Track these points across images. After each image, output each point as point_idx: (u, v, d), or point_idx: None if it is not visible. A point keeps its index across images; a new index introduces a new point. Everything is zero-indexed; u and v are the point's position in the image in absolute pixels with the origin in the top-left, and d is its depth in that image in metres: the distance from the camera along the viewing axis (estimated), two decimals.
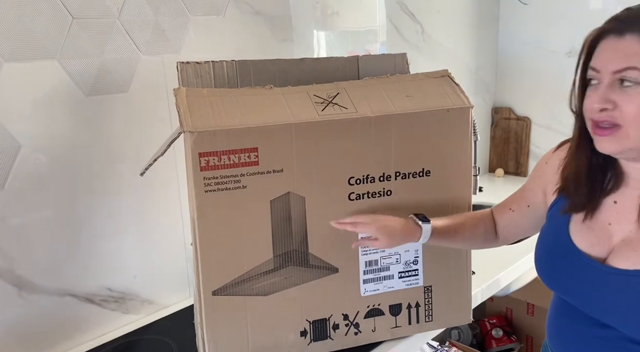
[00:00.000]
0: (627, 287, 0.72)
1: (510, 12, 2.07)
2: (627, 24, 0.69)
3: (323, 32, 1.49)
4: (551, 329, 0.87)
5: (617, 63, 0.69)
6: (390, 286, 0.98)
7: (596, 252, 0.77)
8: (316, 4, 1.43)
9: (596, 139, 0.73)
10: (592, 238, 0.78)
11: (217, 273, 0.86)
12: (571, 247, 0.79)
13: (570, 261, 0.79)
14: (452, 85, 0.97)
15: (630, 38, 0.68)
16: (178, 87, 0.86)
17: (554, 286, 0.84)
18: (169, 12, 1.09)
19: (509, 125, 2.17)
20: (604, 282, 0.75)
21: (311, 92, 0.92)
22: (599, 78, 0.71)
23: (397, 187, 0.94)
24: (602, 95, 0.70)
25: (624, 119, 0.69)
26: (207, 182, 0.82)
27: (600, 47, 0.72)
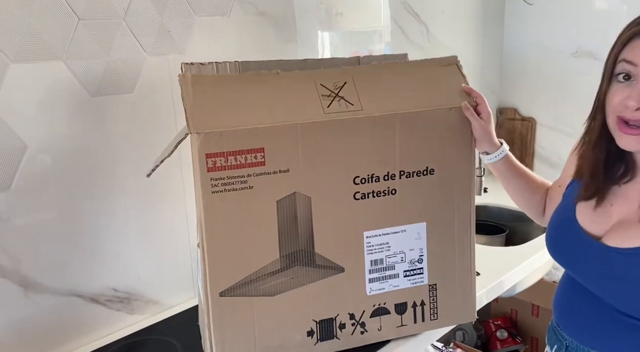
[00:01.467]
0: (617, 265, 0.77)
1: (515, 12, 2.06)
2: None
3: (327, 32, 1.49)
4: (557, 303, 0.93)
5: None
6: (395, 284, 0.97)
7: (594, 229, 0.82)
8: (320, 4, 1.43)
9: (622, 136, 0.74)
10: (593, 216, 0.83)
11: (224, 274, 0.86)
12: (574, 224, 0.85)
13: (571, 236, 0.85)
14: (458, 75, 0.98)
15: None
16: (183, 74, 0.86)
17: (557, 257, 0.90)
18: (174, 13, 1.09)
19: (514, 126, 2.16)
20: (595, 258, 0.80)
21: (318, 80, 0.90)
22: (635, 74, 0.71)
23: (401, 186, 0.94)
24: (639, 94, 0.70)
25: None
26: (214, 183, 0.82)
27: (636, 43, 0.71)
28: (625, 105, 0.71)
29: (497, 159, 0.99)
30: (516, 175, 1.02)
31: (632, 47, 0.72)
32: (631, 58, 0.71)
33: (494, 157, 0.99)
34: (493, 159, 0.99)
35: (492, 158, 0.99)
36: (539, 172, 2.15)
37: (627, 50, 0.72)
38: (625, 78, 0.72)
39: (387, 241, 0.96)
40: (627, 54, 0.72)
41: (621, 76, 0.73)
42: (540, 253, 1.44)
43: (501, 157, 0.99)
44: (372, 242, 0.95)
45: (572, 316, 0.89)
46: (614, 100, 0.74)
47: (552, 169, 2.11)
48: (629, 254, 0.76)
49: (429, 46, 1.80)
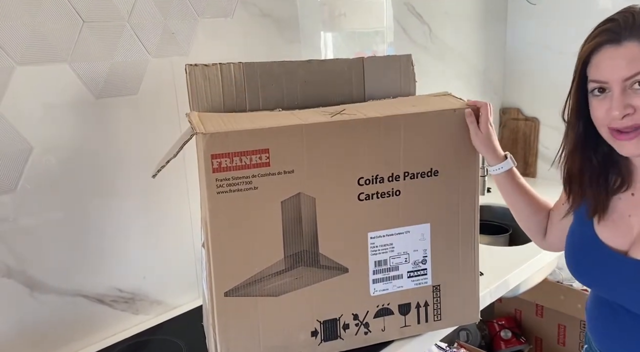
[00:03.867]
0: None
1: (518, 12, 2.06)
2: (621, 32, 0.70)
3: (330, 33, 1.49)
4: (594, 328, 0.89)
5: (626, 70, 0.70)
6: (399, 285, 0.98)
7: (618, 244, 0.79)
8: (323, 5, 1.43)
9: (619, 144, 0.74)
10: (614, 230, 0.81)
11: (229, 274, 0.87)
12: (596, 241, 0.82)
13: (596, 254, 0.82)
14: (455, 98, 1.00)
15: (629, 44, 0.70)
16: (190, 112, 0.89)
17: (583, 279, 0.86)
18: (177, 15, 1.10)
19: (517, 126, 2.16)
20: (626, 273, 0.77)
21: (319, 110, 0.94)
22: (609, 88, 0.72)
23: (405, 187, 0.94)
24: (620, 103, 0.70)
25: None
26: (220, 183, 0.83)
27: (597, 59, 0.73)
28: (612, 117, 0.72)
29: (498, 171, 0.97)
30: (518, 191, 0.99)
31: (594, 64, 0.73)
32: (598, 77, 0.73)
33: (496, 169, 0.97)
34: (494, 171, 0.97)
35: (493, 170, 0.97)
36: (543, 172, 2.15)
37: (592, 69, 0.74)
38: (600, 91, 0.74)
39: (391, 242, 0.96)
40: (593, 74, 0.74)
41: (596, 90, 0.74)
42: (543, 253, 1.44)
43: (502, 171, 0.96)
44: (376, 243, 0.95)
45: (614, 339, 0.84)
46: (598, 114, 0.75)
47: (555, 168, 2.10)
48: None
49: (432, 47, 1.80)
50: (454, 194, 0.98)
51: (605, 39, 0.72)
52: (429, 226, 0.98)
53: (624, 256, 0.78)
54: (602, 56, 0.72)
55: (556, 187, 1.25)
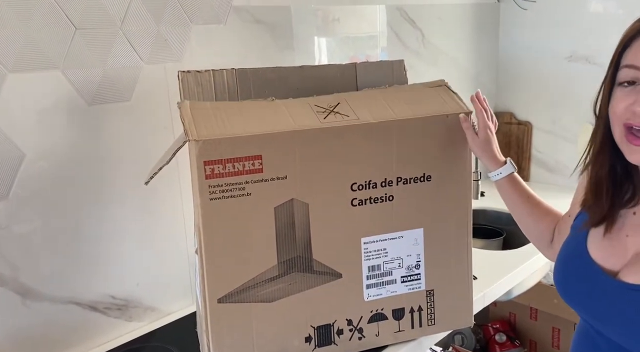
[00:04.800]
0: (631, 303, 0.69)
1: (510, 17, 2.08)
2: None
3: (324, 38, 1.50)
4: None
5: None
6: (393, 290, 0.98)
7: (611, 264, 0.73)
8: (317, 11, 1.44)
9: (631, 149, 0.67)
10: (609, 249, 0.74)
11: (222, 281, 0.87)
12: (587, 259, 0.76)
13: (584, 272, 0.76)
14: (449, 93, 0.99)
15: None
16: (182, 101, 0.87)
17: (569, 298, 0.79)
18: (170, 21, 1.10)
19: (510, 130, 2.18)
20: (612, 297, 0.71)
21: (312, 102, 0.93)
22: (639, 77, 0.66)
23: (398, 192, 0.95)
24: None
25: None
26: (212, 190, 0.83)
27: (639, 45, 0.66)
28: (633, 112, 0.66)
29: (497, 177, 0.94)
30: (519, 198, 0.94)
31: (634, 49, 0.67)
32: (634, 62, 0.66)
33: (495, 175, 0.94)
34: (494, 177, 0.95)
35: (493, 176, 0.95)
36: (537, 176, 2.16)
37: (629, 53, 0.67)
38: (630, 83, 0.67)
39: (384, 247, 0.97)
40: (629, 59, 0.67)
41: (625, 82, 0.68)
42: (537, 256, 1.45)
43: (502, 177, 0.94)
44: (369, 248, 0.96)
45: None
46: (619, 107, 0.68)
47: (549, 172, 2.12)
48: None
49: (425, 52, 1.81)
50: (447, 198, 0.98)
51: None
52: (422, 231, 0.98)
53: (613, 278, 0.72)
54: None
55: (549, 192, 1.26)
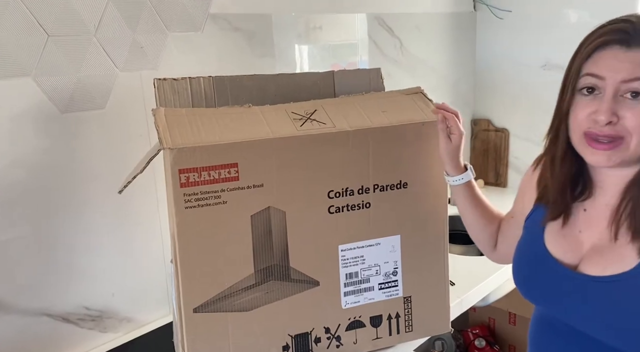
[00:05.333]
0: (595, 293, 0.72)
1: (487, 26, 2.12)
2: (634, 36, 0.68)
3: (306, 46, 1.51)
4: (534, 342, 0.86)
5: (627, 72, 0.67)
6: (370, 297, 0.98)
7: (568, 259, 0.77)
8: (299, 18, 1.45)
9: (591, 152, 0.70)
10: (564, 245, 0.78)
11: (198, 290, 0.86)
12: (546, 255, 0.79)
13: (545, 269, 0.79)
14: (425, 100, 1.00)
15: (638, 50, 0.67)
16: (157, 107, 0.86)
17: (530, 294, 0.83)
18: (146, 28, 1.09)
19: (488, 137, 2.21)
20: (574, 289, 0.75)
21: (289, 109, 0.93)
22: (602, 86, 0.69)
23: (375, 199, 0.95)
24: (609, 107, 0.67)
25: (627, 132, 0.67)
26: (188, 198, 0.82)
27: (601, 55, 0.69)
28: (594, 120, 0.68)
29: (458, 182, 0.96)
30: (474, 202, 0.98)
31: (596, 59, 0.70)
32: (596, 71, 0.69)
33: (456, 180, 0.96)
34: (455, 182, 0.96)
35: (454, 180, 0.96)
36: (514, 182, 2.20)
37: (590, 63, 0.70)
38: (590, 91, 0.70)
39: (362, 254, 0.97)
40: (591, 68, 0.70)
41: (585, 90, 0.70)
42: None
43: (462, 182, 0.96)
44: (347, 256, 0.96)
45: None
46: (580, 115, 0.71)
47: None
48: (611, 282, 0.71)
49: (403, 60, 1.83)
50: (424, 205, 0.99)
51: (616, 38, 0.68)
52: (399, 238, 0.99)
53: (573, 271, 0.76)
54: (607, 54, 0.69)
55: None
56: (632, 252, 0.70)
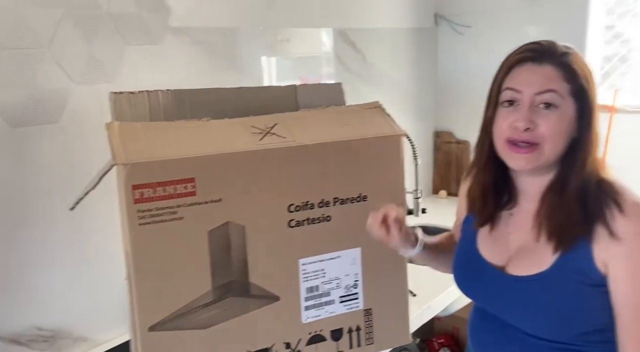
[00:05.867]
0: (521, 292, 0.81)
1: (447, 41, 2.18)
2: (543, 54, 0.77)
3: (273, 58, 1.52)
4: (472, 332, 0.95)
5: (539, 85, 0.76)
6: (331, 311, 0.98)
7: (497, 260, 0.86)
8: (266, 31, 1.46)
9: (513, 156, 0.78)
10: (494, 248, 0.87)
11: (153, 308, 0.84)
12: (478, 257, 0.88)
13: (478, 270, 0.88)
14: (384, 115, 1.02)
15: (548, 66, 0.76)
16: (111, 122, 0.85)
17: (468, 293, 0.92)
18: (103, 41, 1.08)
19: (450, 149, 2.26)
20: (504, 288, 0.83)
21: (248, 123, 0.93)
22: (519, 98, 0.77)
23: (335, 212, 0.96)
24: (526, 116, 0.76)
25: (542, 138, 0.75)
26: (142, 214, 0.80)
27: (518, 71, 0.78)
28: (515, 127, 0.76)
29: (417, 251, 0.94)
30: (435, 255, 0.99)
31: (513, 75, 0.79)
32: (514, 85, 0.78)
33: (415, 252, 0.94)
34: (414, 253, 0.94)
35: (413, 252, 0.94)
36: None
37: (509, 78, 0.79)
38: (510, 103, 0.78)
39: (322, 268, 0.97)
40: (509, 82, 0.79)
41: (506, 102, 0.79)
42: None
43: (421, 249, 0.94)
44: (307, 270, 0.96)
45: (487, 345, 0.90)
46: (502, 124, 0.78)
47: None
48: (530, 281, 0.79)
49: (366, 74, 1.86)
50: None
51: (529, 56, 0.78)
52: (359, 250, 0.99)
53: (502, 272, 0.84)
54: (522, 69, 0.78)
55: None
56: (549, 253, 0.78)
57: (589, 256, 0.75)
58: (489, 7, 2.06)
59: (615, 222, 0.73)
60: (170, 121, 0.93)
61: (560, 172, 0.79)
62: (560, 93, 0.75)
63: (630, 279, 0.73)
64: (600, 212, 0.74)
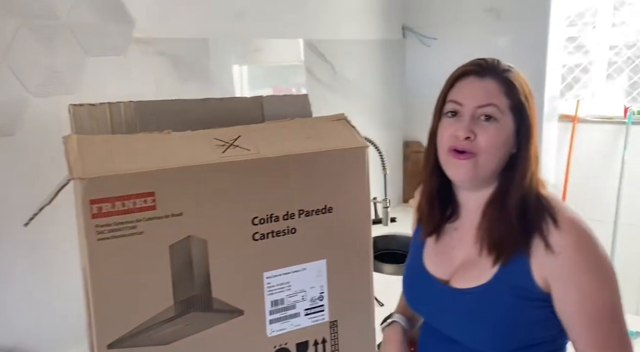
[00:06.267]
0: (462, 305, 0.82)
1: (415, 52, 2.21)
2: (486, 69, 0.81)
3: (245, 67, 1.51)
4: (421, 348, 0.98)
5: (481, 99, 0.79)
6: (296, 324, 0.97)
7: (441, 274, 0.87)
8: (237, 41, 1.45)
9: (452, 164, 0.81)
10: (439, 261, 0.89)
11: (112, 325, 0.82)
12: (423, 271, 0.90)
13: (423, 283, 0.89)
14: (348, 127, 1.02)
15: (490, 81, 0.80)
16: (68, 135, 0.83)
17: (415, 306, 0.93)
18: (63, 52, 1.06)
19: (419, 159, 2.28)
20: (446, 301, 0.85)
21: (212, 135, 0.92)
22: (461, 110, 0.81)
23: (300, 224, 0.95)
24: (467, 126, 0.79)
25: (480, 148, 0.79)
26: (100, 229, 0.79)
27: (462, 84, 0.82)
28: (456, 136, 0.80)
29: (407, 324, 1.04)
30: None
31: (457, 88, 0.83)
32: (457, 98, 0.82)
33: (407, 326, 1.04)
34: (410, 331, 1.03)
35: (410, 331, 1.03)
36: None
37: (453, 91, 0.83)
38: (453, 114, 0.82)
39: (287, 281, 0.96)
40: (453, 95, 0.83)
41: (449, 113, 0.83)
42: None
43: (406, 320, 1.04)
44: (272, 283, 0.95)
45: None
46: (445, 134, 0.82)
47: None
48: (472, 293, 0.81)
49: (336, 84, 1.88)
50: (348, 229, 1.01)
51: (473, 69, 0.82)
52: (325, 262, 0.99)
53: (445, 285, 0.85)
54: (465, 82, 0.82)
55: None
56: (489, 267, 0.80)
57: (527, 270, 0.76)
58: (454, 20, 2.11)
59: (551, 236, 0.75)
60: (132, 134, 0.91)
61: (499, 187, 0.81)
62: (500, 108, 0.78)
63: (576, 289, 0.74)
64: (538, 227, 0.76)
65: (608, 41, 2.26)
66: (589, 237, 0.75)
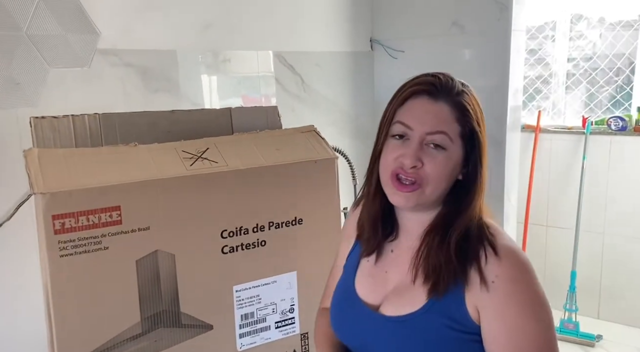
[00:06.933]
0: (389, 333, 0.75)
1: (383, 65, 2.24)
2: (440, 90, 0.74)
3: (214, 77, 1.50)
4: None
5: (431, 125, 0.72)
6: (267, 337, 0.97)
7: (372, 299, 0.79)
8: (207, 51, 1.45)
9: (395, 192, 0.74)
10: (371, 285, 0.80)
11: (75, 344, 0.80)
12: (353, 295, 0.81)
13: (352, 309, 0.80)
14: (318, 139, 1.03)
15: (442, 105, 0.73)
16: (29, 149, 0.81)
17: (340, 334, 0.83)
18: (23, 64, 1.03)
19: None
20: (373, 329, 0.77)
21: (179, 148, 0.91)
22: (410, 134, 0.74)
23: (271, 236, 0.95)
24: (415, 153, 0.72)
25: (426, 177, 0.72)
26: (63, 245, 0.77)
27: (412, 105, 0.74)
28: (402, 163, 0.73)
29: None
30: None
31: (407, 108, 0.75)
32: (406, 121, 0.74)
33: None
34: None
35: None
36: None
37: (402, 111, 0.75)
38: (400, 137, 0.74)
39: (257, 294, 0.96)
40: (402, 117, 0.75)
41: (397, 136, 0.75)
42: None
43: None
44: (242, 296, 0.94)
45: None
46: (389, 156, 0.75)
47: None
48: (402, 322, 0.74)
49: (305, 96, 1.88)
50: (319, 240, 1.01)
51: (425, 89, 0.74)
52: (295, 274, 0.99)
53: (374, 311, 0.77)
54: (417, 104, 0.74)
55: None
56: (423, 294, 0.73)
57: (460, 301, 0.72)
58: (420, 33, 2.16)
59: (488, 264, 0.71)
60: (97, 147, 0.90)
61: (443, 213, 0.76)
62: (451, 135, 0.73)
63: (500, 319, 0.70)
64: (476, 256, 0.72)
65: (566, 54, 2.35)
66: (527, 268, 0.71)
